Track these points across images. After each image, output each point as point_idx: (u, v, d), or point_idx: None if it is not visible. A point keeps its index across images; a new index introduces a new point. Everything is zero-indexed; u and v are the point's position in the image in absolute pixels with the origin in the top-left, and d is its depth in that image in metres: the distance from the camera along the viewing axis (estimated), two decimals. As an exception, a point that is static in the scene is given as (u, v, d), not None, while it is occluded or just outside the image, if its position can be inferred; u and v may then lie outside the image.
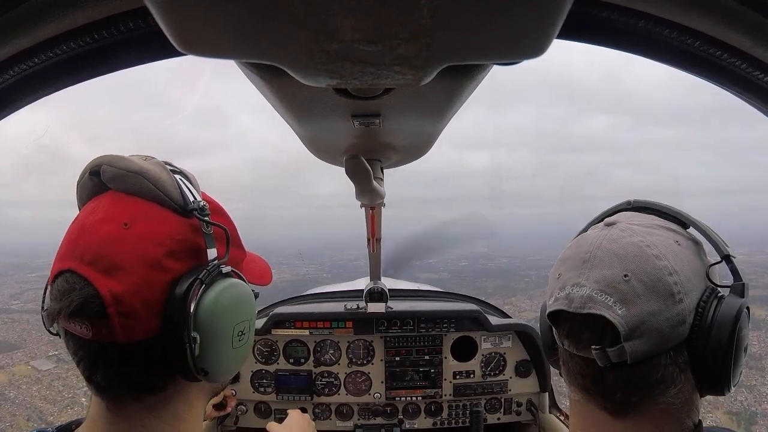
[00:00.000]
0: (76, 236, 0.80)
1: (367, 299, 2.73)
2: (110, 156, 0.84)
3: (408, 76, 0.51)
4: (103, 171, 0.83)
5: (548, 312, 0.94)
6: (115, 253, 0.77)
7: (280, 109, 0.82)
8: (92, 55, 0.74)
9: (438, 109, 0.82)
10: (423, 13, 0.41)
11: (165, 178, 0.83)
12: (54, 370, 21.13)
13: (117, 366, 0.79)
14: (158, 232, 0.80)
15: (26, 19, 0.66)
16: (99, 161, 0.84)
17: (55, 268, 0.81)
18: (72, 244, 0.80)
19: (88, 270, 0.77)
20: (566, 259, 0.94)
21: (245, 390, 2.81)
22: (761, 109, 0.83)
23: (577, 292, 0.88)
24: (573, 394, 0.97)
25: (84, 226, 0.81)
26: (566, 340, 0.93)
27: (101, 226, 0.79)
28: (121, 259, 0.77)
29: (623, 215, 0.97)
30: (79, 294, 0.76)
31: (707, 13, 0.68)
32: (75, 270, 0.77)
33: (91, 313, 0.76)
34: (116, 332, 0.76)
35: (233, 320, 0.85)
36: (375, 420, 2.87)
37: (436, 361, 2.84)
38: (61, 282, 0.78)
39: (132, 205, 0.81)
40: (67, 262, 0.79)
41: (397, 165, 1.32)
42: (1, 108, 0.81)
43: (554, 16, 0.43)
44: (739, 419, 16.93)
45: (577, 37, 0.75)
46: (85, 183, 0.87)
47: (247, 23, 0.44)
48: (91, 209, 0.83)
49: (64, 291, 0.77)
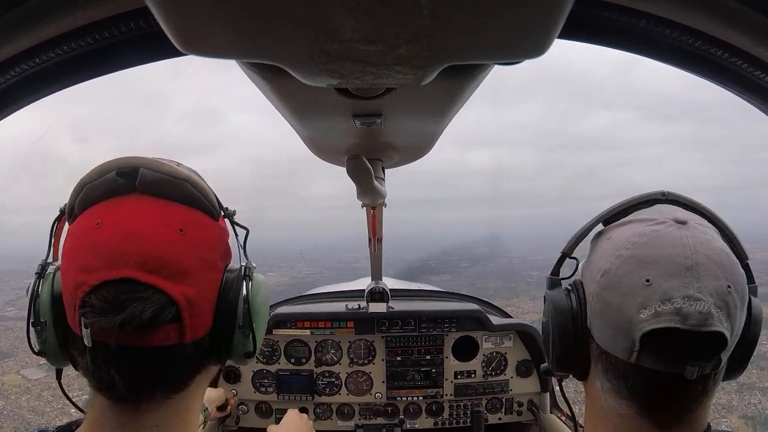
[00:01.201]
0: (124, 243, 0.76)
1: (369, 299, 2.73)
2: (146, 159, 0.82)
3: (409, 75, 0.51)
4: (142, 174, 0.80)
5: (650, 330, 0.78)
6: (179, 259, 0.78)
7: (282, 109, 0.82)
8: (93, 56, 0.74)
9: (439, 109, 0.82)
10: (423, 13, 0.41)
11: (206, 187, 0.87)
12: (44, 379, 20.55)
13: (160, 367, 0.80)
14: (209, 237, 0.86)
15: (27, 20, 0.66)
16: (132, 163, 0.81)
17: (93, 277, 0.74)
18: (122, 251, 0.75)
19: (153, 277, 0.75)
20: (652, 263, 0.80)
21: (246, 390, 2.81)
22: (762, 108, 0.83)
23: (693, 306, 0.76)
24: (619, 409, 0.87)
25: (133, 233, 0.76)
26: (655, 357, 0.80)
27: (156, 232, 0.77)
28: (185, 264, 0.79)
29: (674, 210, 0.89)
30: (150, 302, 0.74)
31: (708, 12, 0.68)
32: (136, 278, 0.74)
33: (165, 320, 0.76)
34: (185, 334, 0.79)
35: (267, 309, 0.98)
36: (376, 420, 2.87)
37: (437, 361, 2.83)
38: (113, 292, 0.74)
39: (179, 211, 0.82)
40: (117, 270, 0.74)
41: (398, 165, 1.32)
42: (2, 108, 0.81)
43: (555, 16, 0.43)
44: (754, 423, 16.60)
45: (578, 36, 0.75)
46: (104, 183, 0.81)
47: (248, 23, 0.44)
48: (127, 212, 0.79)
49: (122, 302, 0.73)
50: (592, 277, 0.89)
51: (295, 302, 3.15)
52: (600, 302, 0.86)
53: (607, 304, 0.84)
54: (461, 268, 44.57)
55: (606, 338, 0.86)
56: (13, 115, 0.85)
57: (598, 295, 0.86)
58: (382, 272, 2.83)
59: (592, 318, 0.88)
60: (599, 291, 0.86)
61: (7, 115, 0.83)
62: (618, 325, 0.82)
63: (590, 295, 0.89)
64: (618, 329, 0.82)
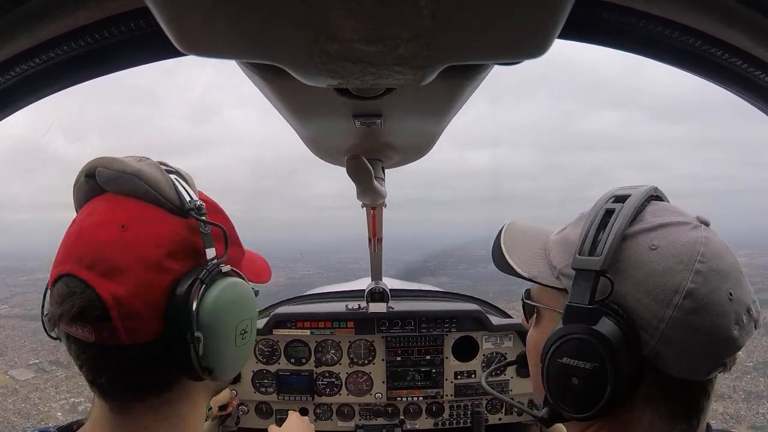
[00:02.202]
0: (74, 239, 0.80)
1: (369, 299, 2.73)
2: (105, 158, 0.84)
3: (409, 76, 0.51)
4: (98, 173, 0.83)
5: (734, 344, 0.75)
6: (114, 256, 0.77)
7: (282, 109, 0.82)
8: (93, 56, 0.74)
9: (439, 109, 0.82)
10: (423, 14, 0.41)
11: (160, 179, 0.83)
12: (33, 380, 20.14)
13: (121, 368, 0.80)
14: (156, 233, 0.80)
15: (27, 20, 0.66)
16: (94, 164, 0.84)
17: (54, 271, 0.80)
18: (70, 248, 0.80)
19: (87, 273, 0.76)
20: (727, 274, 0.76)
21: (246, 390, 2.81)
22: (762, 108, 0.83)
23: (758, 312, 0.77)
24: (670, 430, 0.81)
25: (81, 229, 0.81)
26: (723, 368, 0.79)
27: (99, 229, 0.79)
28: (120, 261, 0.77)
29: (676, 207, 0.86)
30: (80, 298, 0.76)
31: (708, 12, 0.68)
32: (74, 274, 0.77)
33: (93, 317, 0.75)
34: (119, 335, 0.76)
35: (235, 319, 0.86)
36: (376, 420, 2.86)
37: (438, 361, 2.83)
38: (61, 286, 0.78)
39: (129, 207, 0.82)
40: (66, 265, 0.79)
41: (398, 165, 1.32)
42: (2, 108, 0.81)
43: (555, 17, 0.43)
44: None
45: (578, 37, 0.75)
46: (81, 185, 0.86)
47: (247, 23, 0.44)
48: (87, 212, 0.83)
49: (64, 295, 0.77)
50: (659, 298, 0.75)
51: (295, 302, 3.14)
52: (685, 328, 0.74)
53: (697, 330, 0.74)
54: (460, 270, 44.42)
55: (684, 365, 0.77)
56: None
57: (682, 321, 0.74)
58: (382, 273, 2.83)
59: (663, 347, 0.76)
60: (683, 316, 0.74)
61: (7, 115, 0.83)
62: (710, 348, 0.75)
63: (659, 320, 0.75)
64: (707, 353, 0.76)
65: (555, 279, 0.88)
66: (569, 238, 0.88)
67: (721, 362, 0.77)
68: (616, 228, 0.79)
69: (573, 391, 0.81)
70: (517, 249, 0.98)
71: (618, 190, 0.87)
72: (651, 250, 0.78)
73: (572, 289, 0.81)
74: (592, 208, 0.87)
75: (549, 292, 0.91)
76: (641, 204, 0.83)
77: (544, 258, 0.92)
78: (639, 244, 0.79)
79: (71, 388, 6.82)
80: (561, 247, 0.89)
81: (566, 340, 0.80)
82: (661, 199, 0.88)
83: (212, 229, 0.86)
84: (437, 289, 3.74)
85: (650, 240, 0.79)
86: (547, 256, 0.91)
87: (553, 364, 0.82)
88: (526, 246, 0.98)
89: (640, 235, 0.80)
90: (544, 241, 0.95)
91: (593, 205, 0.87)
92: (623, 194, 0.85)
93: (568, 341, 0.80)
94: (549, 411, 0.87)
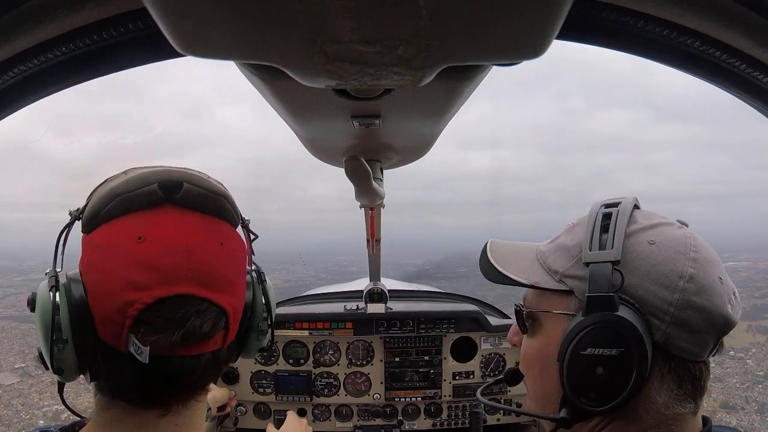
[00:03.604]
0: (179, 258, 0.77)
1: (367, 300, 2.73)
2: (189, 174, 0.85)
3: (407, 76, 0.52)
4: (186, 189, 0.82)
5: (731, 321, 0.84)
6: (223, 271, 0.83)
7: (280, 110, 0.82)
8: (92, 56, 0.74)
9: (437, 110, 0.83)
10: (422, 14, 0.41)
11: (234, 201, 0.92)
12: (17, 385, 19.26)
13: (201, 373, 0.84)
14: (241, 248, 0.92)
15: (27, 20, 0.66)
16: (176, 177, 0.83)
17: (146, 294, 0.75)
18: (176, 267, 0.77)
19: (207, 292, 0.80)
20: (715, 262, 0.86)
21: (245, 391, 2.80)
22: (761, 109, 0.83)
23: (739, 297, 0.88)
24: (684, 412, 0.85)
25: (186, 248, 0.79)
26: (718, 347, 0.86)
27: (206, 248, 0.82)
28: (229, 275, 0.85)
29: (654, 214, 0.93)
30: (208, 315, 0.80)
31: (706, 13, 0.68)
32: (193, 294, 0.78)
33: (217, 330, 0.82)
34: (227, 339, 0.86)
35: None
36: (374, 421, 2.86)
37: (436, 361, 2.83)
38: (171, 308, 0.77)
39: (216, 225, 0.87)
40: (175, 286, 0.77)
41: (396, 165, 1.32)
42: (1, 108, 0.81)
43: (553, 17, 0.43)
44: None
45: (577, 37, 0.75)
46: (141, 195, 0.81)
47: (246, 24, 0.44)
48: (172, 228, 0.80)
49: (180, 317, 0.77)
50: (666, 284, 0.82)
51: (294, 303, 3.14)
52: (692, 309, 0.81)
53: (701, 309, 0.81)
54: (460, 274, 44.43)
55: (693, 346, 0.82)
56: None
57: (688, 303, 0.81)
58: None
59: (674, 330, 0.81)
60: (689, 298, 0.81)
61: (7, 116, 0.83)
62: (712, 325, 0.82)
63: (669, 304, 0.81)
64: (711, 330, 0.82)
65: (557, 282, 0.92)
66: (566, 244, 0.94)
67: (720, 340, 0.85)
68: (621, 225, 0.86)
69: (598, 382, 0.83)
70: (508, 262, 1.02)
71: (605, 200, 0.95)
72: (650, 245, 0.85)
73: (590, 282, 0.84)
74: (588, 215, 0.93)
75: (550, 297, 0.94)
76: (633, 209, 0.92)
77: (539, 266, 0.97)
78: (639, 241, 0.86)
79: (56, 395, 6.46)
80: (560, 253, 0.94)
81: (590, 330, 0.83)
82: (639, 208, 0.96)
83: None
84: (436, 290, 3.74)
85: (648, 237, 0.86)
86: (543, 264, 0.96)
87: (575, 359, 0.84)
88: (517, 259, 1.02)
89: (638, 233, 0.87)
90: (534, 252, 1.01)
91: (587, 214, 0.94)
92: (613, 202, 0.93)
93: (591, 331, 0.83)
94: (570, 410, 0.87)
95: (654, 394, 0.84)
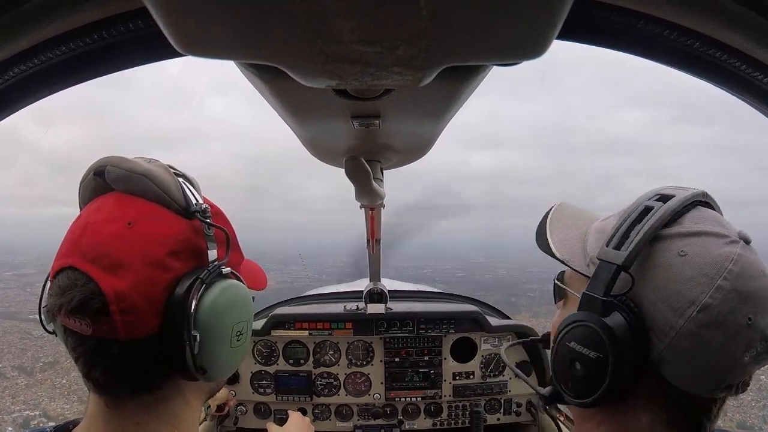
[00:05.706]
0: (80, 234, 0.81)
1: (367, 300, 2.73)
2: (115, 157, 0.86)
3: (408, 77, 0.52)
4: (108, 172, 0.84)
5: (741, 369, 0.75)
6: (118, 251, 0.78)
7: (280, 110, 0.82)
8: (92, 56, 0.74)
9: (438, 110, 0.82)
10: (422, 15, 0.41)
11: (169, 181, 0.85)
12: None
13: (116, 363, 0.80)
14: (161, 232, 0.82)
15: (27, 20, 0.66)
16: (104, 162, 0.85)
17: (56, 264, 0.81)
18: (75, 242, 0.81)
19: (90, 267, 0.77)
20: (753, 298, 0.73)
21: (245, 391, 2.81)
22: (761, 110, 0.83)
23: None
24: None
25: (88, 224, 0.81)
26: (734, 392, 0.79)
27: (105, 225, 0.80)
28: (124, 256, 0.78)
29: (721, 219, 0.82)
30: (81, 290, 0.77)
31: (707, 14, 0.68)
32: (77, 267, 0.78)
33: (92, 310, 0.76)
34: (117, 329, 0.77)
35: (232, 320, 0.87)
36: (375, 421, 2.86)
37: (436, 362, 2.83)
38: (62, 278, 0.79)
39: (136, 206, 0.83)
40: (69, 258, 0.79)
41: (397, 166, 1.32)
42: (1, 108, 0.81)
43: (554, 17, 0.43)
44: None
45: (577, 37, 0.75)
46: (88, 183, 0.88)
47: (246, 24, 0.44)
48: (95, 208, 0.84)
49: (65, 287, 0.78)
50: (674, 306, 0.75)
51: (293, 303, 3.14)
52: (694, 341, 0.74)
53: (706, 346, 0.73)
54: (457, 278, 44.16)
55: (686, 377, 0.76)
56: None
57: (693, 333, 0.73)
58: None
59: (669, 354, 0.75)
60: (695, 329, 0.73)
61: (7, 116, 0.83)
62: (714, 366, 0.75)
63: (671, 327, 0.74)
64: (711, 371, 0.75)
65: (585, 266, 0.87)
66: (606, 228, 0.87)
67: (724, 384, 0.76)
68: (647, 227, 0.78)
69: (575, 376, 0.83)
70: (558, 229, 0.98)
71: (664, 188, 0.85)
72: (679, 256, 0.76)
73: (591, 279, 0.82)
74: (634, 202, 0.85)
75: (578, 278, 0.90)
76: (683, 207, 0.81)
77: (581, 244, 0.91)
78: (669, 248, 0.78)
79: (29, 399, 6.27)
80: (597, 236, 0.89)
81: (576, 326, 0.82)
82: (710, 206, 0.85)
83: (215, 232, 0.88)
84: (436, 290, 3.74)
85: (681, 246, 0.77)
86: (585, 242, 0.91)
87: (562, 347, 0.84)
88: (568, 228, 0.97)
89: (672, 239, 0.78)
90: (587, 227, 0.94)
91: (636, 199, 0.86)
92: (668, 194, 0.83)
93: (577, 327, 0.82)
94: (552, 390, 0.90)
95: (639, 411, 0.81)
